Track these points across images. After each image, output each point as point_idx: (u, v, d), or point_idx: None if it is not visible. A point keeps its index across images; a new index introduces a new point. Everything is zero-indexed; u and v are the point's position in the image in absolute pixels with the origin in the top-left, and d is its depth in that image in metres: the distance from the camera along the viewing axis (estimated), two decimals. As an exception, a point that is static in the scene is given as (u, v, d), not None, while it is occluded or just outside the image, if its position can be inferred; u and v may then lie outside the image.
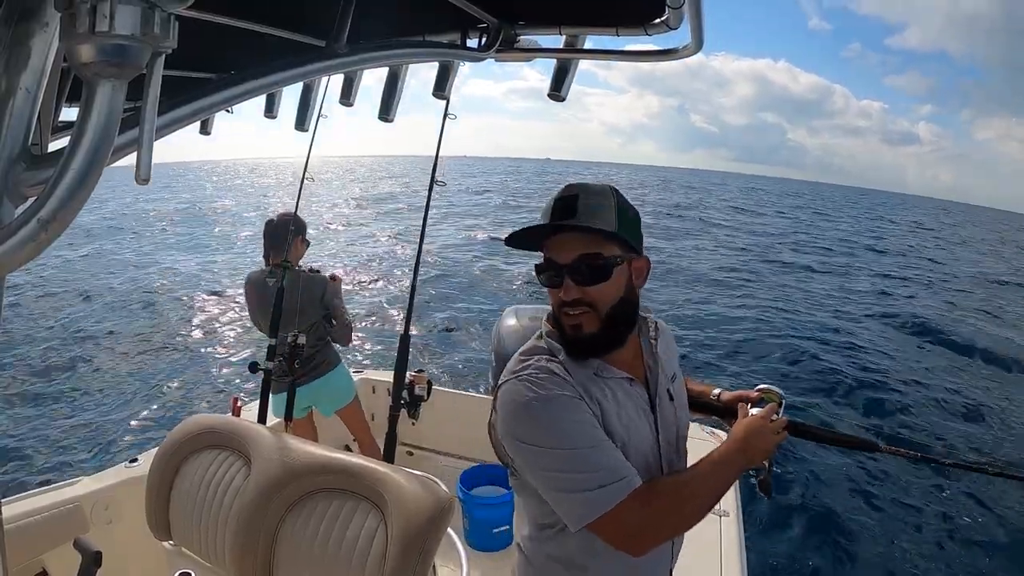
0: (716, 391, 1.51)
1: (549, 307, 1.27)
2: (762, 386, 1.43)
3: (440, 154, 3.02)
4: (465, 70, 2.78)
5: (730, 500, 2.54)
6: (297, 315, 3.22)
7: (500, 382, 1.19)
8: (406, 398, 3.00)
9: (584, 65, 1.65)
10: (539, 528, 1.24)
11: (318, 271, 3.47)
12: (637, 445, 1.19)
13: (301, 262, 3.48)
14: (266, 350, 3.28)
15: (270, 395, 3.31)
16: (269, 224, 3.41)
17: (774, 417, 1.29)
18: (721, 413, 1.48)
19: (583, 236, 1.12)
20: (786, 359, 8.66)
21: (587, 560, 1.21)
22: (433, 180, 3.05)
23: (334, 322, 3.43)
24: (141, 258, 17.08)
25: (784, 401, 1.38)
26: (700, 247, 20.37)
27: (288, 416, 3.21)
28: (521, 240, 1.18)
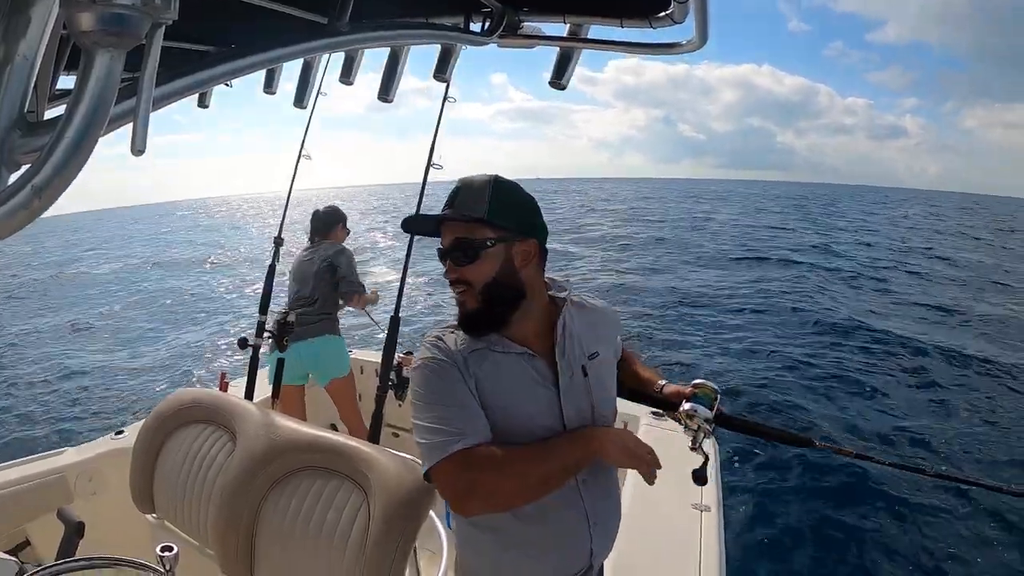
0: (661, 383, 1.56)
1: None
2: (697, 381, 1.49)
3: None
4: (456, 93, 2.79)
5: (711, 496, 2.55)
6: (314, 279, 3.60)
7: None
8: (393, 379, 3.01)
9: (570, 82, 1.66)
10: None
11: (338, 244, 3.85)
12: (527, 416, 1.27)
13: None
14: (256, 325, 3.30)
15: (267, 358, 3.38)
16: (316, 213, 3.89)
17: (694, 418, 1.41)
18: (662, 405, 1.55)
19: (460, 224, 1.25)
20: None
21: (499, 522, 1.29)
22: (430, 163, 3.04)
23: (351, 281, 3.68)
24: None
25: (719, 396, 1.46)
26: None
27: (275, 392, 3.22)
28: (418, 226, 1.33)
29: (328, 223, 3.84)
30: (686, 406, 1.42)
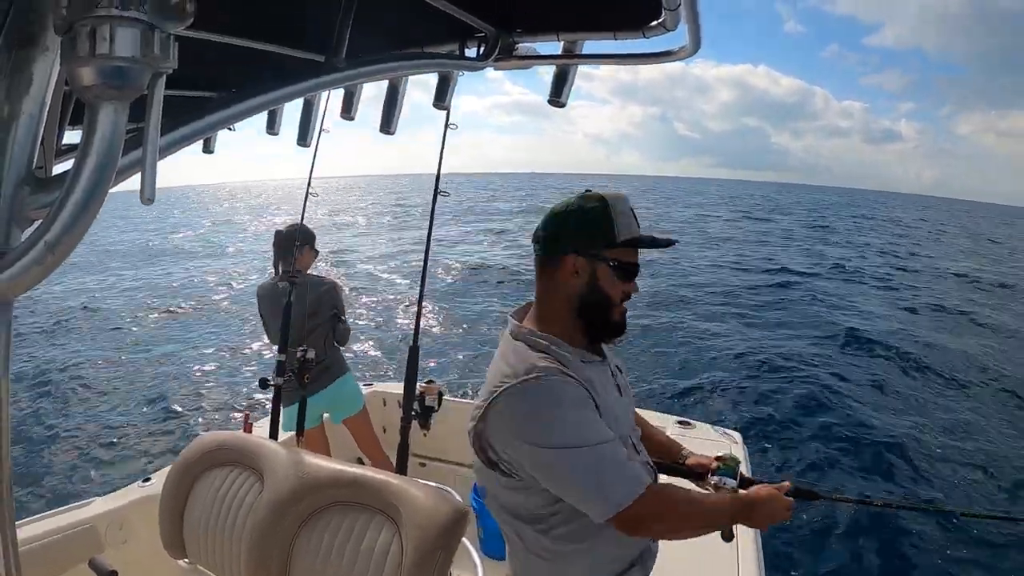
0: (683, 453, 1.64)
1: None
2: (719, 454, 1.59)
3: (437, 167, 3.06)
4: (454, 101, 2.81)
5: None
6: (307, 321, 3.27)
7: (501, 387, 1.23)
8: (417, 409, 3.00)
9: None
10: (527, 523, 1.34)
11: (321, 277, 3.59)
12: (620, 422, 1.32)
13: (310, 270, 3.55)
14: (275, 365, 3.30)
15: (281, 407, 3.34)
16: (278, 235, 3.46)
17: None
18: (686, 475, 1.60)
19: None
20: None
21: (566, 547, 1.32)
22: (437, 191, 3.06)
23: (343, 319, 3.50)
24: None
25: (739, 463, 1.56)
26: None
27: (300, 430, 3.21)
28: (648, 242, 1.35)
29: (291, 244, 3.35)
30: (713, 479, 1.52)
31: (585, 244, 1.29)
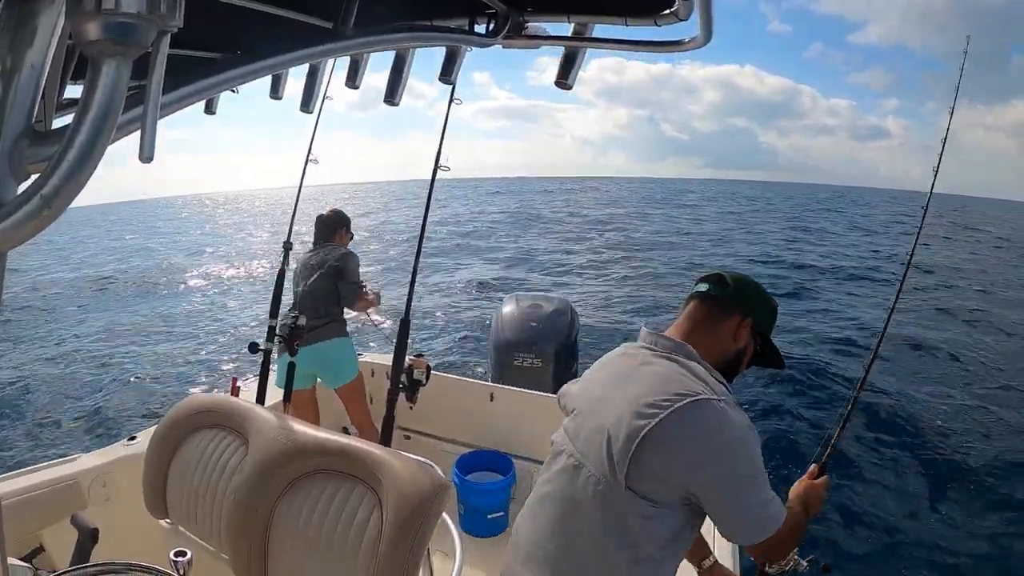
0: (707, 562, 1.76)
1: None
2: None
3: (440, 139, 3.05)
4: (432, 93, 2.73)
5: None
6: (307, 282, 3.60)
7: (693, 397, 1.27)
8: (404, 382, 3.01)
9: (550, 82, 1.67)
10: (640, 548, 1.31)
11: (341, 246, 3.87)
12: None
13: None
14: (267, 330, 3.31)
15: (274, 360, 3.38)
16: (320, 217, 3.94)
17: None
18: None
19: None
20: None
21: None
22: (437, 165, 3.04)
23: (354, 282, 3.68)
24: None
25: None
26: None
27: (287, 396, 3.23)
28: (773, 350, 1.58)
29: (332, 227, 3.90)
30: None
31: (756, 318, 1.49)
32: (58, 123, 0.70)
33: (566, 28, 1.50)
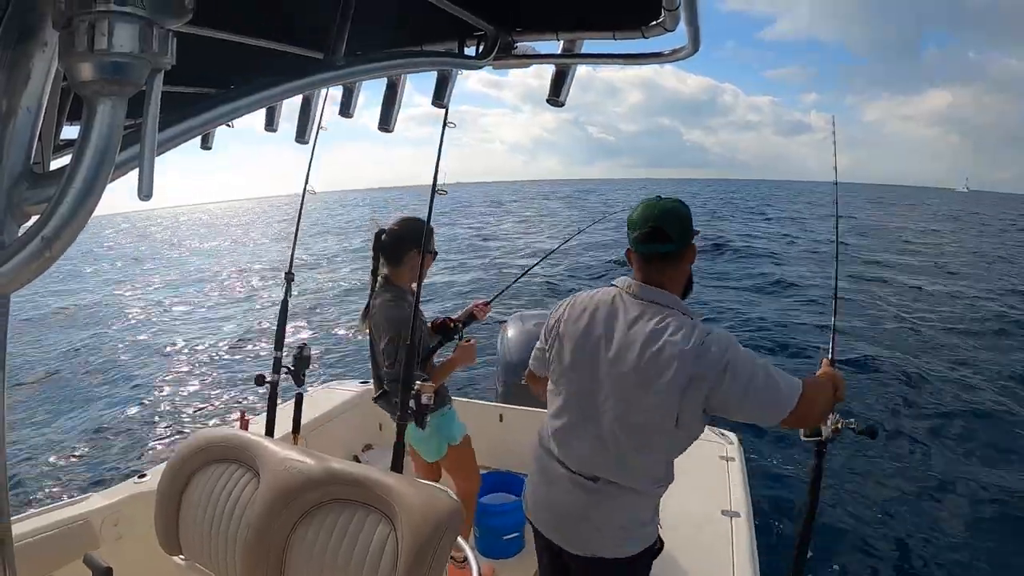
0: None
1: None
2: None
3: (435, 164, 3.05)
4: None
5: (741, 501, 2.52)
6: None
7: (704, 332, 1.61)
8: (413, 407, 2.98)
9: (475, 86, 1.70)
10: (665, 466, 1.74)
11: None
12: None
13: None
14: (272, 361, 3.31)
15: (277, 405, 3.35)
16: (380, 234, 2.94)
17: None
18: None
19: None
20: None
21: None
22: (434, 189, 3.04)
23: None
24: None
25: None
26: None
27: (296, 427, 3.22)
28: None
29: (399, 247, 2.85)
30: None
31: (693, 234, 1.73)
32: (56, 164, 0.70)
33: (555, 46, 1.52)
